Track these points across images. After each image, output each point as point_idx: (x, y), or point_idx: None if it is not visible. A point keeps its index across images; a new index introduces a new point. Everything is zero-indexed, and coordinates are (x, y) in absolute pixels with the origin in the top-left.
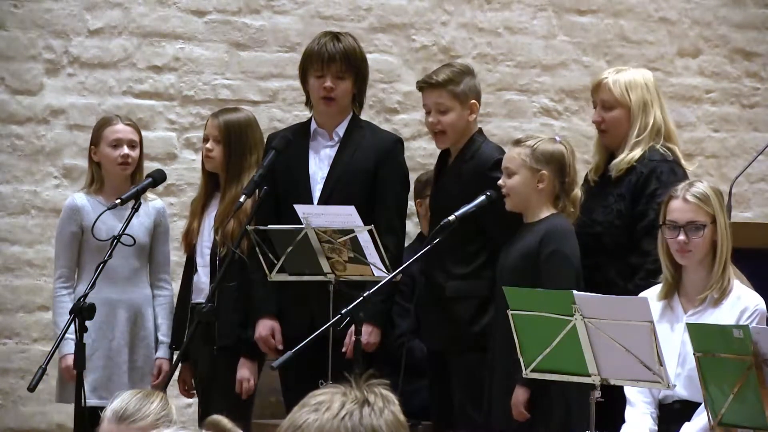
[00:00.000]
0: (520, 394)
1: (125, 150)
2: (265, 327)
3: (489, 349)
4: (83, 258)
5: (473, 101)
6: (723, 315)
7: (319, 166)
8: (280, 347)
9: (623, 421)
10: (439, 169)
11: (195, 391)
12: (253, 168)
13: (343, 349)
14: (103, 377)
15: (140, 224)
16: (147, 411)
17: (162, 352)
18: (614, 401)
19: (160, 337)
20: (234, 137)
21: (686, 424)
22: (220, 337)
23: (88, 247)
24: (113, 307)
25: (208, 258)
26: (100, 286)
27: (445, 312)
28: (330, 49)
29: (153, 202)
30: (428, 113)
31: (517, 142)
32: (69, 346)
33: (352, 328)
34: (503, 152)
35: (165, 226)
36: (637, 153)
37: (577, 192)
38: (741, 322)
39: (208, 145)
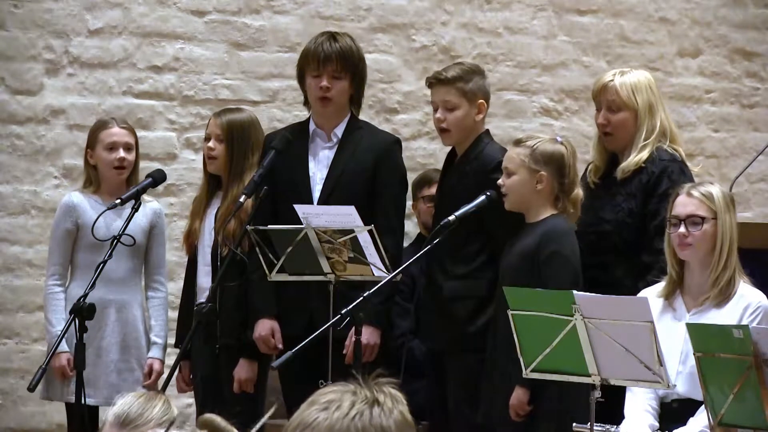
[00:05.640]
0: (520, 395)
1: (121, 153)
2: (264, 327)
3: (489, 349)
4: (77, 256)
5: (481, 101)
6: (726, 314)
7: (318, 167)
8: (280, 346)
9: (623, 418)
10: (445, 168)
11: (194, 390)
12: (255, 168)
13: (344, 351)
14: (91, 376)
15: (136, 225)
16: (149, 415)
17: (154, 353)
18: (615, 401)
19: (153, 338)
20: (236, 137)
21: (681, 429)
22: (222, 336)
23: (82, 246)
24: (103, 306)
25: (209, 258)
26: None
27: (443, 312)
28: (326, 48)
29: (150, 203)
30: (435, 110)
31: (518, 142)
32: (62, 345)
33: (353, 331)
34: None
35: (161, 228)
36: (645, 154)
37: (578, 192)
38: (744, 319)
39: (210, 144)
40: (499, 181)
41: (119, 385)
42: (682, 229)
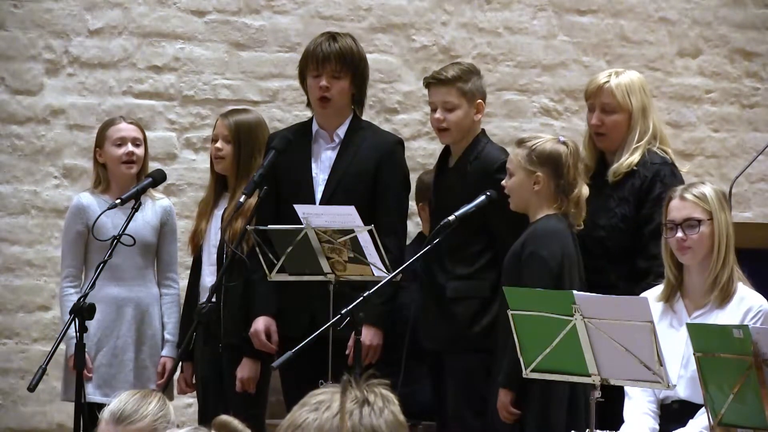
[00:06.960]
0: (501, 397)
1: (129, 147)
2: (259, 324)
3: (493, 352)
4: (90, 257)
5: (479, 101)
6: (727, 317)
7: (320, 168)
8: (275, 347)
9: (623, 421)
10: (439, 168)
11: (196, 390)
12: None
13: (347, 352)
14: (108, 375)
15: (146, 223)
16: (145, 412)
17: (167, 351)
18: (614, 401)
19: (166, 336)
20: (244, 138)
21: (680, 430)
22: (226, 335)
23: (94, 246)
24: (120, 305)
25: (214, 258)
26: (106, 284)
27: (445, 312)
28: (325, 48)
29: (160, 201)
30: (434, 110)
31: (520, 143)
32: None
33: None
34: (508, 154)
35: (172, 225)
36: (636, 157)
37: (579, 192)
38: (746, 322)
39: (218, 145)
40: (503, 182)
41: (136, 383)
42: (679, 234)
